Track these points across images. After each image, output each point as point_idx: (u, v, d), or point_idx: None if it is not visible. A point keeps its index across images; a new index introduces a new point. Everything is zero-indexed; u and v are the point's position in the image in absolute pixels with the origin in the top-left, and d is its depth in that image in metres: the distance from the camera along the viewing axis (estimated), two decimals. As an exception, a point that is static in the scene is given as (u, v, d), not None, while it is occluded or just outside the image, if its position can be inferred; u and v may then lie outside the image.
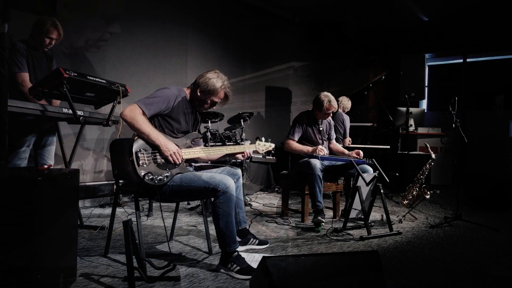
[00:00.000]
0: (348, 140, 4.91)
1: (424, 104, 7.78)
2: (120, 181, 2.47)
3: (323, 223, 3.29)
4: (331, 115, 3.74)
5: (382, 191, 3.24)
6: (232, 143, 4.29)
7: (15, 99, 2.40)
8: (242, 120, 4.41)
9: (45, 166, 1.90)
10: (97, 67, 4.12)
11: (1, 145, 1.84)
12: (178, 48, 4.96)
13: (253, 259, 2.40)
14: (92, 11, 4.08)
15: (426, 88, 6.79)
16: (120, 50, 4.35)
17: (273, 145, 2.84)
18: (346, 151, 3.81)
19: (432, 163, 4.00)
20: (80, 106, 2.85)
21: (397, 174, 5.39)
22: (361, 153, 3.65)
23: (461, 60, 7.39)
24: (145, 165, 2.14)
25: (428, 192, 3.79)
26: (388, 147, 5.44)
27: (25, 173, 1.74)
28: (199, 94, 2.43)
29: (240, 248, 2.42)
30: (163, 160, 2.23)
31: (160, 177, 2.18)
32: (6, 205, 1.60)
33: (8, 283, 1.59)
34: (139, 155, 2.14)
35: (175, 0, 4.90)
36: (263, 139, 2.82)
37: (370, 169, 3.46)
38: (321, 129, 3.75)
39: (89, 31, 4.06)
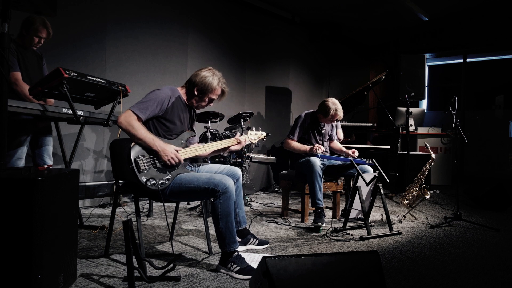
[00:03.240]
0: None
1: (424, 104, 7.79)
2: (120, 181, 2.48)
3: (323, 227, 3.29)
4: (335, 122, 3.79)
5: (382, 191, 3.25)
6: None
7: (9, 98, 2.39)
8: (242, 120, 4.41)
9: (45, 166, 1.90)
10: (97, 67, 4.12)
11: (1, 145, 1.84)
12: (178, 48, 4.96)
13: (253, 259, 2.40)
14: (92, 11, 4.08)
15: (426, 88, 6.79)
16: (120, 50, 4.34)
17: (264, 133, 2.82)
18: (344, 149, 3.83)
19: (432, 163, 4.00)
20: (80, 106, 2.84)
21: (397, 174, 5.40)
22: (356, 152, 3.68)
23: (461, 60, 7.39)
24: (145, 171, 2.14)
25: (428, 192, 3.79)
26: (388, 147, 5.44)
27: (25, 173, 1.74)
28: (196, 93, 2.42)
29: (240, 248, 2.42)
30: (162, 164, 2.23)
31: (162, 180, 2.18)
32: (6, 205, 1.60)
33: (8, 283, 1.59)
34: (138, 161, 2.13)
35: (175, 0, 4.90)
36: (253, 128, 2.81)
37: (370, 169, 3.47)
38: (323, 131, 3.76)
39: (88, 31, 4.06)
